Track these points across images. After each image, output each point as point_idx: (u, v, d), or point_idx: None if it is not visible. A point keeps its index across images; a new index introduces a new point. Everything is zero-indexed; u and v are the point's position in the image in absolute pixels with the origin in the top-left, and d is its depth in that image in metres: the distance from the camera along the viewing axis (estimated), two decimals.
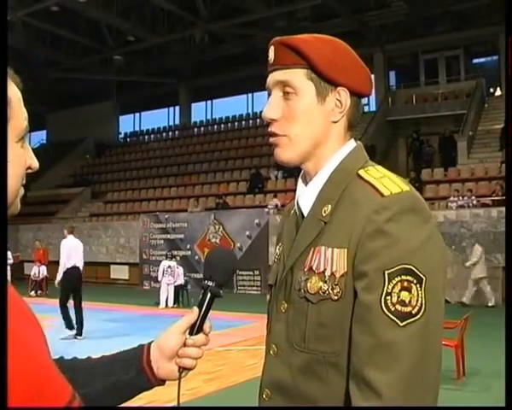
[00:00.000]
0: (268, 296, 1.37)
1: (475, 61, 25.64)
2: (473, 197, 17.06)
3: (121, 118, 34.94)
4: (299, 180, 1.34)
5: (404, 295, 1.08)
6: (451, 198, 17.52)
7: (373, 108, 25.23)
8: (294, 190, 1.37)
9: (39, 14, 23.31)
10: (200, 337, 1.26)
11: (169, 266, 15.41)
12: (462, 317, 7.36)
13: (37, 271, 19.01)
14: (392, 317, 1.07)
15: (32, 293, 18.16)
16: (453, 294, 14.18)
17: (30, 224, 23.85)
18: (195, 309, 1.27)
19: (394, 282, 1.08)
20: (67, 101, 32.85)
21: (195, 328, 1.26)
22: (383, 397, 1.05)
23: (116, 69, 29.15)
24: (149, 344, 1.27)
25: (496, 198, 16.41)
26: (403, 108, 24.84)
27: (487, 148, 20.54)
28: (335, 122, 1.26)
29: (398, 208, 1.12)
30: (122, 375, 1.22)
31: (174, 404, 1.23)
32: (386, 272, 1.09)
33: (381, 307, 1.08)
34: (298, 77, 1.24)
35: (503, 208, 14.61)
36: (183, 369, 1.25)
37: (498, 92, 23.87)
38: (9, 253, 16.87)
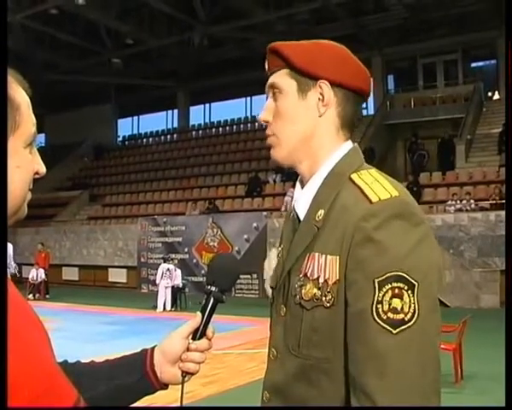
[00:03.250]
0: (270, 298, 1.38)
1: (473, 65, 25.67)
2: (471, 201, 17.08)
3: (120, 121, 34.90)
4: (297, 184, 1.34)
5: (396, 303, 1.07)
6: (449, 202, 17.53)
7: (371, 111, 25.27)
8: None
9: (38, 16, 23.31)
10: (203, 342, 1.27)
11: (168, 269, 15.36)
12: (460, 321, 7.37)
13: (35, 274, 18.96)
14: (385, 325, 1.07)
15: (30, 296, 18.10)
16: (452, 298, 14.20)
17: (28, 227, 23.82)
18: (199, 314, 1.27)
19: (385, 290, 1.08)
20: (66, 103, 32.82)
21: (198, 333, 1.26)
22: (378, 403, 1.05)
23: (115, 72, 29.14)
24: (152, 349, 1.28)
25: (494, 202, 16.43)
26: (401, 112, 24.87)
27: (485, 152, 20.55)
28: (321, 116, 1.27)
29: (387, 215, 1.11)
30: (125, 379, 1.22)
31: (174, 405, 1.23)
32: (376, 281, 1.08)
33: (373, 316, 1.08)
34: (281, 77, 1.28)
35: (501, 212, 14.67)
36: (186, 373, 1.26)
37: (496, 96, 23.91)
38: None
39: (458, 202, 17.30)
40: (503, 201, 14.32)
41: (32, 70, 24.13)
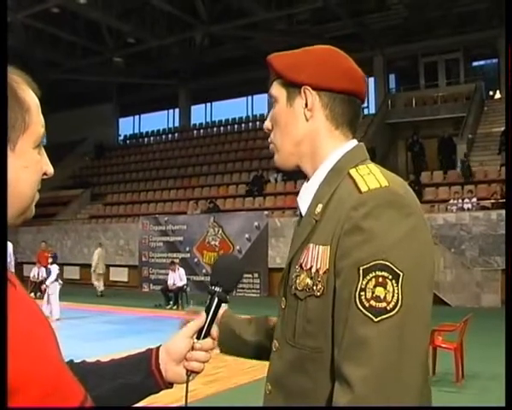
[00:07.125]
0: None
1: (475, 64, 25.68)
2: (473, 199, 17.07)
3: (121, 120, 34.92)
4: (305, 182, 1.37)
5: (379, 291, 1.08)
6: (451, 201, 17.53)
7: (372, 110, 25.26)
8: (294, 193, 1.41)
9: (39, 15, 23.31)
10: (207, 341, 1.29)
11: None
12: (462, 320, 7.37)
13: (37, 272, 18.97)
14: (367, 313, 1.08)
15: (32, 295, 18.08)
16: (453, 297, 14.20)
17: (29, 226, 23.82)
18: (203, 314, 1.29)
19: (369, 278, 1.09)
20: (67, 102, 32.77)
21: (203, 332, 1.28)
22: (355, 391, 1.06)
23: (116, 71, 29.14)
24: (158, 348, 1.30)
25: (495, 201, 16.43)
26: (402, 111, 24.86)
27: (487, 151, 20.55)
28: (308, 120, 1.31)
29: (375, 204, 1.13)
30: (131, 378, 1.23)
31: (176, 405, 1.24)
32: (361, 268, 1.10)
33: (356, 303, 1.09)
34: (275, 87, 1.36)
35: (503, 211, 14.65)
36: (190, 372, 1.27)
37: (498, 95, 23.89)
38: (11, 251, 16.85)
39: (460, 200, 17.30)
40: (505, 200, 14.30)
41: (33, 69, 24.14)
